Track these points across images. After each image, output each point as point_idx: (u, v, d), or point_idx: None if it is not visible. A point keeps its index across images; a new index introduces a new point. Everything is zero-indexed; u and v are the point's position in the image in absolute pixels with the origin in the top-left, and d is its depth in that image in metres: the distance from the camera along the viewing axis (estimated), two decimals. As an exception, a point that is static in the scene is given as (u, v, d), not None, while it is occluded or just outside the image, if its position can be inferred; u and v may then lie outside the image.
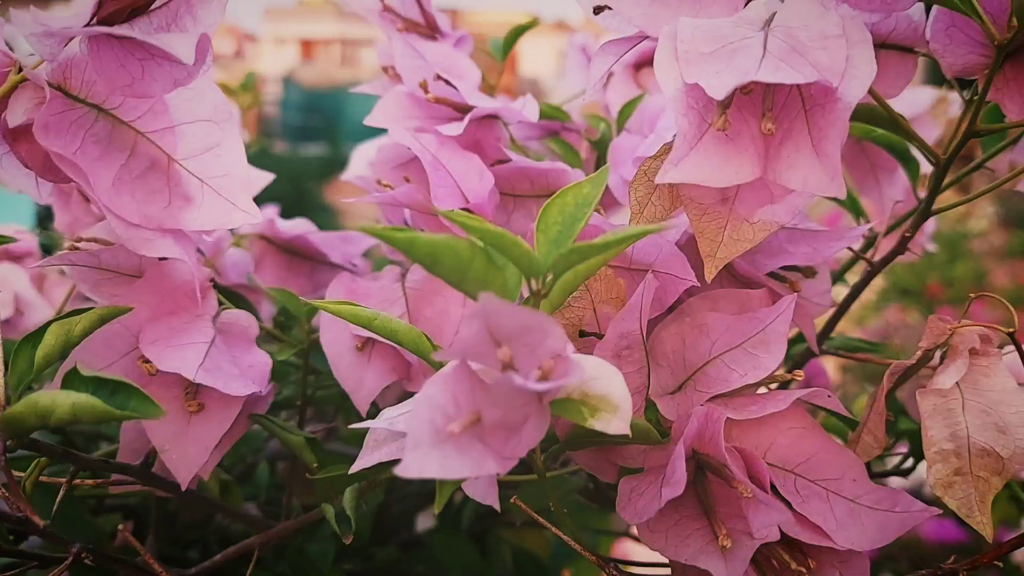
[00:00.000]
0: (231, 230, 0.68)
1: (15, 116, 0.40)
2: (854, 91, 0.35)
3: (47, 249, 0.93)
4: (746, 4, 0.42)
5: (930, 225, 0.78)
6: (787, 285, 0.49)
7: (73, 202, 0.64)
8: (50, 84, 0.40)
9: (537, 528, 0.82)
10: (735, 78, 0.34)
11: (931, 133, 0.76)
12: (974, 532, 0.41)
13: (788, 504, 0.41)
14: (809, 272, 0.51)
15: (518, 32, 0.68)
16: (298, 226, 0.66)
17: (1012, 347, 0.44)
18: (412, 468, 0.30)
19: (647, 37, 0.44)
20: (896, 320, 3.22)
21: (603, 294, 0.45)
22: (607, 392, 0.35)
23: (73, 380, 0.39)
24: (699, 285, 0.44)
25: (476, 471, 0.32)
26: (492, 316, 0.31)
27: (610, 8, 0.44)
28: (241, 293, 0.63)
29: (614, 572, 0.42)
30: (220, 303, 0.50)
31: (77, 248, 0.49)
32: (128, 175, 0.42)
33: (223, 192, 0.43)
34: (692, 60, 0.37)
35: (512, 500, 0.44)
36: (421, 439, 0.31)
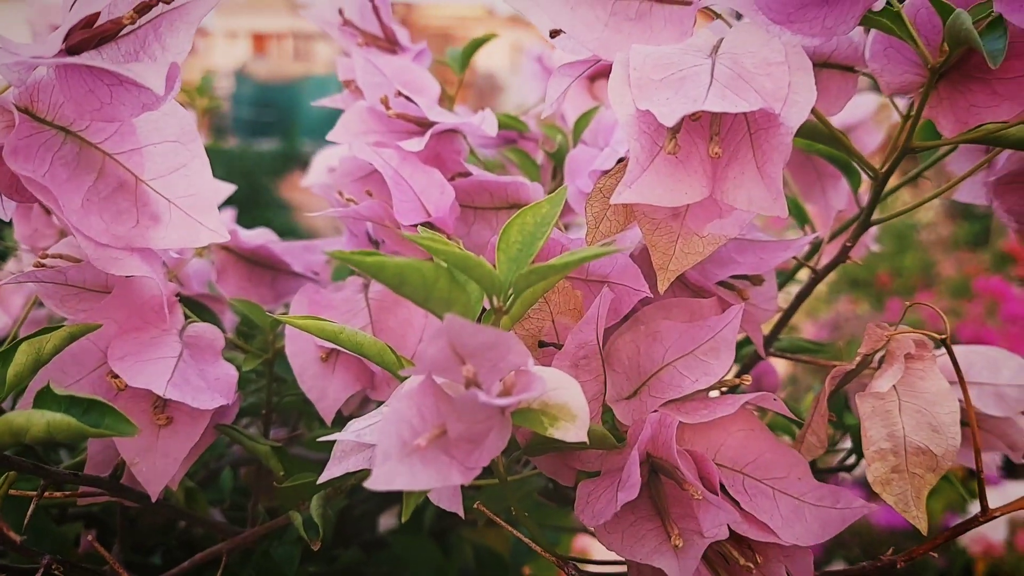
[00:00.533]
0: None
1: (-16, 140, 0.41)
2: (795, 118, 0.38)
3: (2, 256, 0.93)
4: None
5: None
6: (736, 293, 0.52)
7: (34, 215, 0.65)
8: (17, 107, 0.41)
9: (498, 526, 0.84)
10: (684, 107, 0.36)
11: (875, 138, 0.79)
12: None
13: (736, 503, 0.43)
14: (757, 280, 0.53)
15: (476, 45, 0.69)
16: (260, 236, 0.67)
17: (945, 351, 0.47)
18: (381, 481, 0.32)
19: (600, 60, 0.46)
20: (847, 311, 3.29)
21: (561, 306, 0.47)
22: (566, 402, 0.37)
23: (45, 399, 0.40)
24: (652, 296, 0.46)
25: (442, 482, 0.34)
26: (456, 335, 0.33)
27: (564, 32, 0.45)
28: (204, 303, 0.64)
29: (572, 572, 0.44)
30: (186, 316, 0.52)
31: (43, 265, 0.50)
32: (96, 196, 0.43)
33: (190, 211, 0.44)
34: (643, 87, 0.39)
35: (476, 505, 0.45)
36: (390, 453, 0.33)
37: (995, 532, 1.53)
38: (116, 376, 0.46)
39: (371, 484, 0.32)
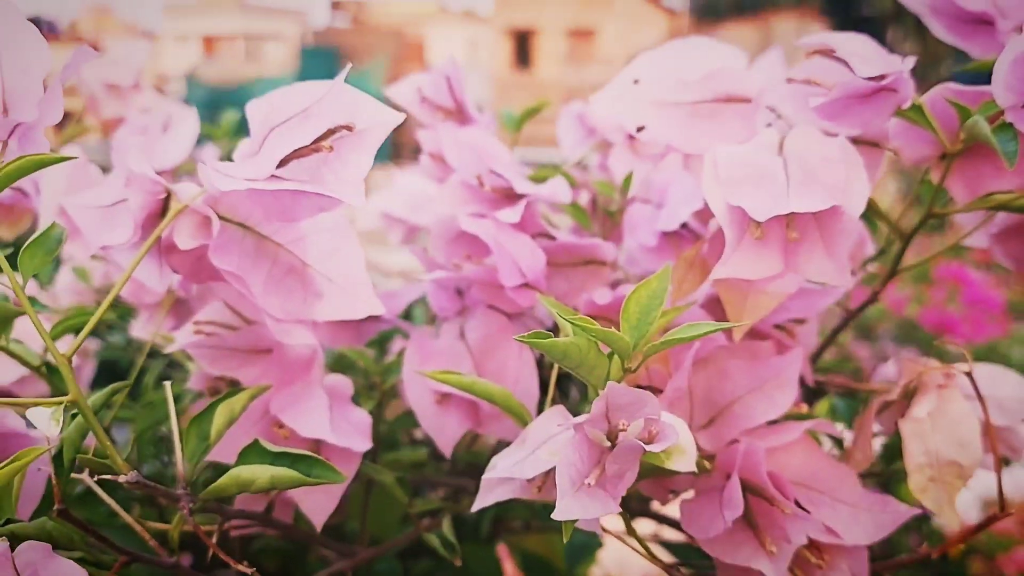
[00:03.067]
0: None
1: (185, 240, 0.49)
2: (856, 208, 0.47)
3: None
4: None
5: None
6: (786, 333, 0.62)
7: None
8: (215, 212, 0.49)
9: (540, 532, 0.94)
10: (774, 207, 0.46)
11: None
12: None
13: (808, 513, 0.53)
14: (801, 321, 0.63)
15: (530, 113, 0.78)
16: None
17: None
18: (564, 512, 0.41)
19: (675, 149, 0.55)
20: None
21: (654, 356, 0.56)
22: (680, 442, 0.46)
23: (250, 453, 0.48)
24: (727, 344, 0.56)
25: (604, 511, 0.43)
26: (613, 396, 0.42)
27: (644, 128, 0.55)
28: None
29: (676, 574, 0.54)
30: (318, 369, 0.60)
31: (202, 331, 0.58)
32: (272, 279, 0.51)
33: (347, 288, 0.53)
34: (730, 184, 0.48)
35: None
36: (565, 490, 0.42)
37: (969, 515, 1.66)
38: (281, 426, 0.55)
39: (558, 515, 0.41)
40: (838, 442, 0.66)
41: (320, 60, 17.91)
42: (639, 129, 0.55)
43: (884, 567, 0.58)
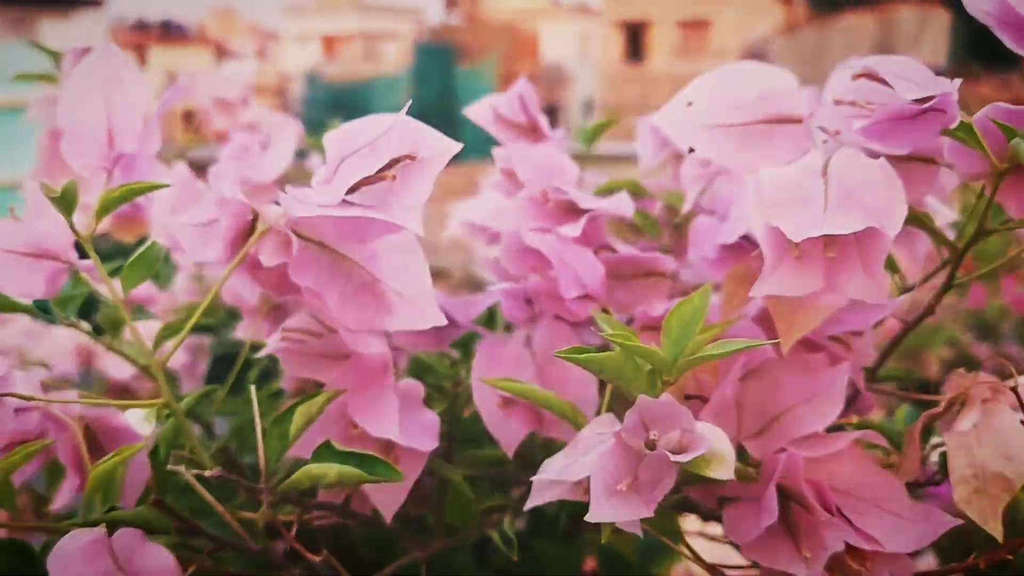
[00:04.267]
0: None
1: (268, 258, 0.55)
2: (893, 229, 0.49)
3: None
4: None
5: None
6: (841, 346, 0.63)
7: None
8: (293, 232, 0.54)
9: (621, 531, 0.97)
10: (809, 229, 0.48)
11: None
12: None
13: (849, 520, 0.55)
14: (857, 333, 0.64)
15: (603, 126, 0.82)
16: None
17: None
18: (598, 515, 0.45)
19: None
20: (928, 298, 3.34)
21: (701, 366, 0.59)
22: (719, 450, 0.49)
23: (323, 452, 0.54)
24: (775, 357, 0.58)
25: (636, 515, 0.46)
26: (645, 409, 0.46)
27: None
28: (387, 352, 0.78)
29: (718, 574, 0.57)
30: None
31: (289, 339, 0.64)
32: (347, 294, 0.56)
33: (415, 302, 0.57)
34: (771, 206, 0.51)
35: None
36: (599, 495, 0.46)
37: None
38: (356, 426, 0.60)
39: (591, 517, 0.45)
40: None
41: (435, 57, 18.24)
42: (690, 151, 0.58)
43: (932, 575, 0.59)
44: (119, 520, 0.53)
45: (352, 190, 0.52)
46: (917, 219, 0.59)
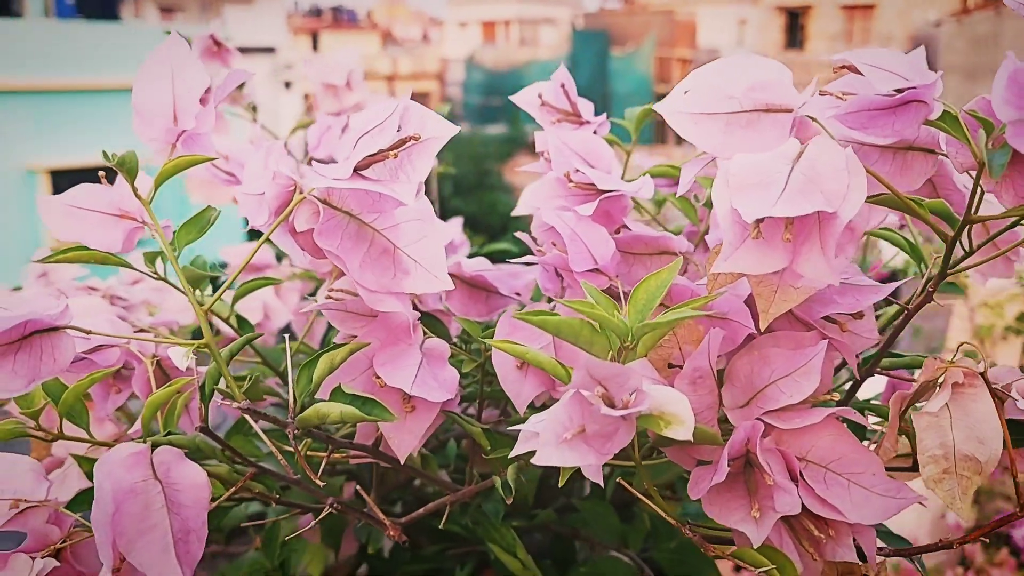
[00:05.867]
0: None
1: (301, 224, 0.63)
2: (848, 213, 0.52)
3: (279, 257, 1.22)
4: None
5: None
6: (837, 326, 0.66)
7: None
8: (320, 200, 0.62)
9: (673, 500, 1.01)
10: (760, 210, 0.52)
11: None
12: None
13: (812, 489, 0.58)
14: (858, 315, 0.67)
15: (645, 115, 0.86)
16: (477, 265, 0.88)
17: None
18: (542, 459, 0.51)
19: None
20: None
21: (686, 337, 0.63)
22: (676, 411, 0.53)
23: (337, 394, 0.62)
24: (760, 331, 0.62)
25: (582, 462, 0.52)
26: (590, 367, 0.51)
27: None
28: (437, 317, 0.85)
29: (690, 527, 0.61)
30: (424, 333, 0.72)
31: (332, 297, 0.72)
32: (368, 259, 0.64)
33: (429, 268, 0.64)
34: (738, 189, 0.55)
35: (617, 480, 0.63)
36: (548, 441, 0.51)
37: None
38: (379, 377, 0.68)
39: (536, 460, 0.50)
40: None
41: (591, 42, 18.25)
42: (679, 141, 0.62)
43: (908, 552, 0.62)
44: (174, 443, 0.63)
45: (366, 166, 0.59)
46: (910, 209, 0.61)
